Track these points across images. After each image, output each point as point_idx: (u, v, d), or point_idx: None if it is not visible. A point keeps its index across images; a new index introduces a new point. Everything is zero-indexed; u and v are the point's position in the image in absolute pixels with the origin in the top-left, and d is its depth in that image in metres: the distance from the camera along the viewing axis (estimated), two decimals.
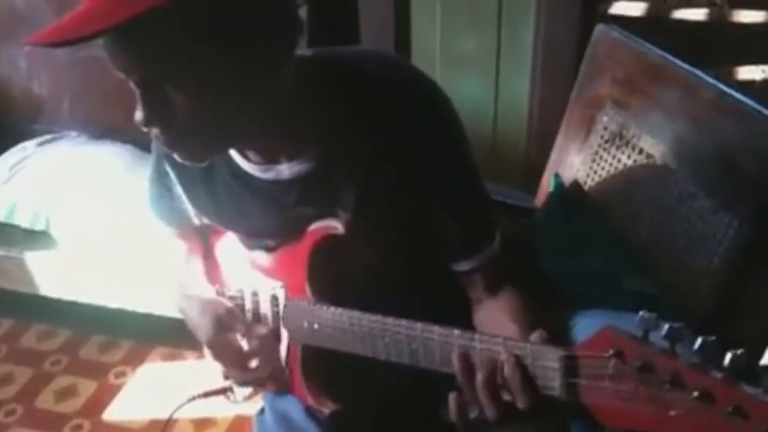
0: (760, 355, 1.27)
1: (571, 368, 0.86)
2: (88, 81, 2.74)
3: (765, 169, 1.26)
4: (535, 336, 0.95)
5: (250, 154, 1.18)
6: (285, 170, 1.16)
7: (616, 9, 2.36)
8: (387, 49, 2.39)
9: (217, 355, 1.31)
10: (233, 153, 1.19)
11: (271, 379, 1.32)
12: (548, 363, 0.89)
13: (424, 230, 1.20)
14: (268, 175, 1.18)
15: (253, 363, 1.28)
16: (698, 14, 2.34)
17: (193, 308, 1.36)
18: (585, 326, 1.18)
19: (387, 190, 1.16)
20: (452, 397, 0.97)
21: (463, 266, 1.23)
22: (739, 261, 1.29)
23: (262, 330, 1.28)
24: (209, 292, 1.42)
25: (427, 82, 1.17)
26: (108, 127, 2.76)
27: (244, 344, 1.28)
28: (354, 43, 2.38)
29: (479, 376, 0.94)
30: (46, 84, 2.87)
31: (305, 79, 1.10)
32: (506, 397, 0.94)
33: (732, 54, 2.34)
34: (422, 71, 1.19)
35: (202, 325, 1.32)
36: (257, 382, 1.30)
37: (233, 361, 1.29)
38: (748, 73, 2.36)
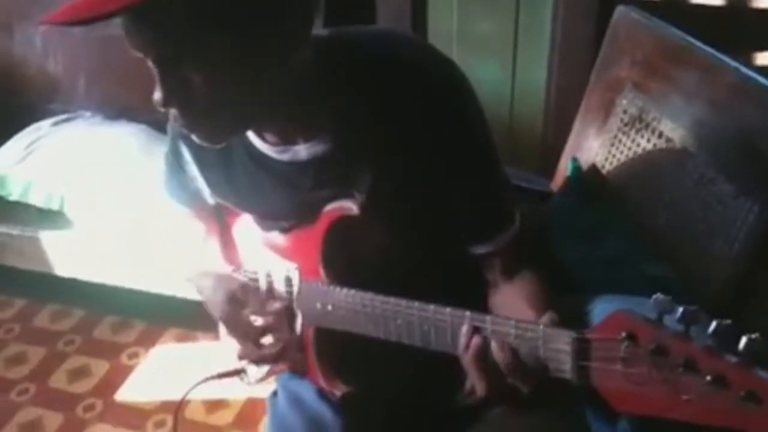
0: None
1: (582, 351, 0.85)
2: (104, 60, 2.74)
3: None
4: (545, 318, 0.94)
5: (267, 135, 1.17)
6: (302, 151, 1.15)
7: None
8: (403, 29, 2.38)
9: (232, 331, 1.32)
10: (250, 134, 1.19)
11: (286, 357, 1.31)
12: (560, 345, 0.88)
13: (441, 212, 1.19)
14: (285, 156, 1.17)
15: (267, 339, 1.28)
16: None
17: (207, 285, 1.36)
18: (601, 311, 1.17)
19: (404, 171, 1.15)
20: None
21: (480, 249, 1.22)
22: (760, 246, 1.27)
23: (276, 305, 1.27)
24: (225, 269, 1.41)
25: (445, 62, 1.16)
26: (123, 107, 2.76)
27: (258, 320, 1.27)
28: (370, 22, 2.37)
29: (469, 353, 0.96)
30: (61, 62, 2.88)
31: (322, 59, 1.09)
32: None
33: (750, 39, 2.32)
34: (440, 51, 1.17)
35: (216, 301, 1.32)
36: (271, 359, 1.29)
37: (247, 337, 1.29)
38: (765, 58, 2.34)
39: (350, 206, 1.15)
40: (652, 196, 1.50)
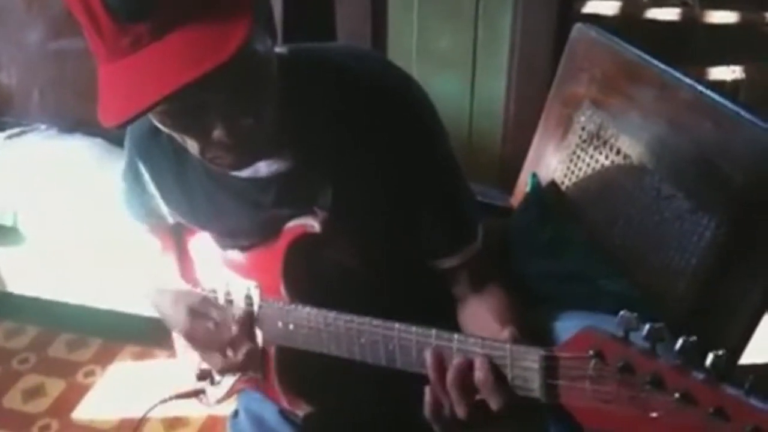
0: (738, 355, 1.27)
1: (550, 369, 0.85)
2: (59, 73, 2.69)
3: (742, 170, 1.26)
4: (505, 332, 0.94)
5: None
6: (263, 168, 1.14)
7: (589, 8, 2.36)
8: (363, 45, 2.38)
9: (195, 345, 1.29)
10: None
11: (248, 368, 1.29)
12: (528, 364, 0.88)
13: (406, 227, 1.19)
14: (245, 173, 1.15)
15: (231, 347, 1.25)
16: (670, 14, 2.35)
17: (166, 301, 1.34)
18: (563, 327, 1.18)
19: (366, 187, 1.15)
20: (428, 391, 0.97)
21: (447, 263, 1.22)
22: (717, 261, 1.29)
23: (237, 313, 1.24)
24: (183, 287, 1.40)
25: (405, 78, 1.16)
26: (79, 119, 2.71)
27: (220, 329, 1.25)
28: (330, 39, 2.37)
29: (450, 374, 0.94)
30: (15, 75, 2.82)
31: (282, 76, 1.08)
32: (479, 396, 0.93)
33: (703, 54, 2.36)
34: (399, 67, 1.18)
35: (176, 317, 1.30)
36: (238, 367, 1.27)
37: (212, 348, 1.27)
38: (719, 73, 2.38)
39: (312, 224, 1.15)
40: (610, 211, 1.52)
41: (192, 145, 1.01)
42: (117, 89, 0.91)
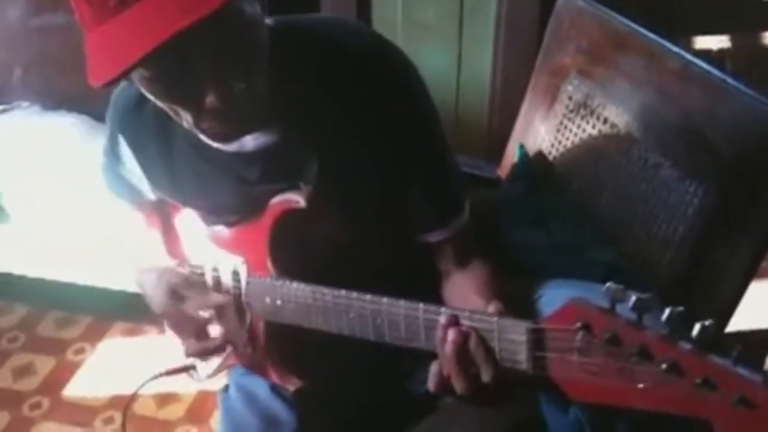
0: (725, 324, 1.28)
1: (537, 341, 0.85)
2: (42, 49, 2.66)
3: (729, 138, 1.26)
4: (491, 307, 0.94)
5: None
6: (249, 142, 1.13)
7: None
8: (348, 16, 2.36)
9: (171, 326, 1.29)
10: None
11: (229, 348, 1.29)
12: (514, 336, 0.88)
13: (392, 201, 1.18)
14: (231, 148, 1.14)
15: (208, 332, 1.25)
16: None
17: (149, 280, 1.33)
18: (550, 296, 1.18)
19: (352, 161, 1.14)
20: (434, 365, 0.96)
21: (433, 237, 1.22)
22: (704, 230, 1.29)
23: (216, 298, 1.24)
24: (168, 263, 1.39)
25: (393, 50, 1.15)
26: (63, 96, 2.69)
27: (199, 312, 1.24)
28: (314, 10, 2.34)
29: (447, 347, 0.93)
30: None
31: (269, 48, 1.07)
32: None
33: (689, 23, 2.35)
34: (386, 38, 1.17)
35: (156, 295, 1.29)
36: (213, 351, 1.27)
37: (186, 331, 1.27)
38: (705, 43, 2.38)
39: (297, 199, 1.14)
40: (598, 181, 1.52)
41: (185, 117, 1.00)
42: (105, 50, 0.90)
